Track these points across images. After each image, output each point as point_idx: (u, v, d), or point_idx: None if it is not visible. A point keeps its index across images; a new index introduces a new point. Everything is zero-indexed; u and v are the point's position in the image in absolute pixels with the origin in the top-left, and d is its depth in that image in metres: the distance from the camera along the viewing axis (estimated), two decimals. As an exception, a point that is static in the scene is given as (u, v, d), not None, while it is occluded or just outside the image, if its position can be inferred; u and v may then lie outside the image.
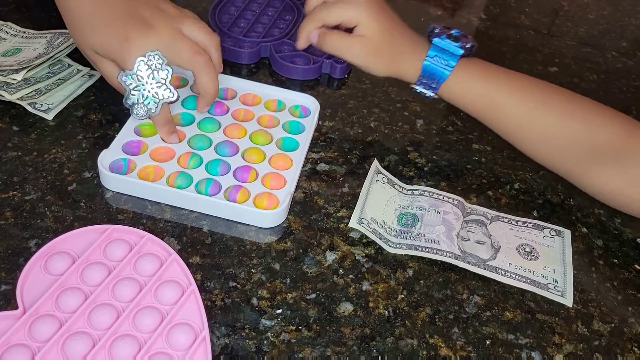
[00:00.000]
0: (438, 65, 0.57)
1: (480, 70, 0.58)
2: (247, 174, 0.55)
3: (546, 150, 0.57)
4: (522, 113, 0.57)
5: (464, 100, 0.59)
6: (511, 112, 0.57)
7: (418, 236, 0.53)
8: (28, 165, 0.54)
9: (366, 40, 0.57)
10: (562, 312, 0.50)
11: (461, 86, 0.57)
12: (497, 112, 0.57)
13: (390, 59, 0.58)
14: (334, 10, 0.58)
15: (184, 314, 0.44)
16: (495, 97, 0.57)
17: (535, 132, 0.57)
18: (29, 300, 0.43)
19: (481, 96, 0.57)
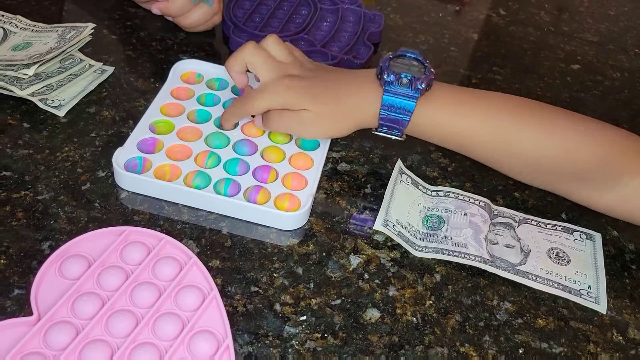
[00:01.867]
0: (395, 115, 0.51)
1: (444, 102, 0.51)
2: (267, 174, 0.53)
3: (528, 171, 0.53)
4: (497, 138, 0.51)
5: (434, 137, 0.53)
6: (485, 139, 0.52)
7: (445, 239, 0.51)
8: (40, 164, 0.52)
9: (307, 112, 0.51)
10: (596, 320, 0.48)
11: (427, 124, 0.52)
12: (471, 141, 0.52)
13: (344, 121, 0.52)
14: (256, 102, 0.52)
15: (205, 321, 0.42)
16: (466, 127, 0.51)
17: (514, 155, 0.52)
18: (44, 306, 0.41)
19: (451, 129, 0.52)
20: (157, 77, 0.63)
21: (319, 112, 0.51)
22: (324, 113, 0.52)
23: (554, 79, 0.74)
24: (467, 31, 0.80)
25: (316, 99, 0.51)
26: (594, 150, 0.50)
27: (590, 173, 0.51)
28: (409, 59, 0.53)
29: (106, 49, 0.65)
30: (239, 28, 0.69)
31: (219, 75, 0.63)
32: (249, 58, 0.53)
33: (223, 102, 0.59)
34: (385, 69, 0.51)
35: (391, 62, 0.52)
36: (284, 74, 0.52)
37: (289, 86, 0.51)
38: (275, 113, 0.53)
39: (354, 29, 0.72)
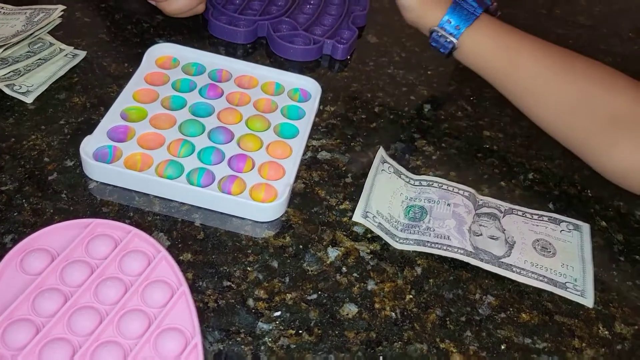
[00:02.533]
0: (466, 8, 0.55)
1: (502, 28, 0.55)
2: (243, 163, 0.51)
3: (563, 118, 0.53)
4: (542, 77, 0.53)
5: (480, 59, 0.56)
6: (530, 76, 0.54)
7: (427, 231, 0.49)
8: (4, 153, 0.50)
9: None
10: (581, 314, 0.46)
11: (481, 41, 0.55)
12: (515, 74, 0.54)
13: (435, 9, 0.56)
14: None
15: (173, 318, 0.40)
16: (515, 58, 0.54)
17: (552, 99, 0.53)
18: (3, 303, 0.39)
19: (501, 55, 0.55)
20: (131, 61, 0.60)
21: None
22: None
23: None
24: (455, 14, 0.77)
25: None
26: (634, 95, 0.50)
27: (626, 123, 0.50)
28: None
29: (78, 32, 0.63)
30: (218, 11, 0.67)
31: (196, 59, 0.60)
32: None
33: (199, 88, 0.57)
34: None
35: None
36: None
37: None
38: None
39: (338, 11, 0.70)
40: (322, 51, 0.66)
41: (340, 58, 0.66)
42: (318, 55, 0.65)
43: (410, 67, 0.67)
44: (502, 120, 0.62)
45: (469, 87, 0.66)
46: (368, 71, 0.65)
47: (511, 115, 0.63)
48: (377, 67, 0.66)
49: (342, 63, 0.66)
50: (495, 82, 0.57)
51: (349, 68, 0.66)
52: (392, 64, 0.67)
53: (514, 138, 0.61)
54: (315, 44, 0.65)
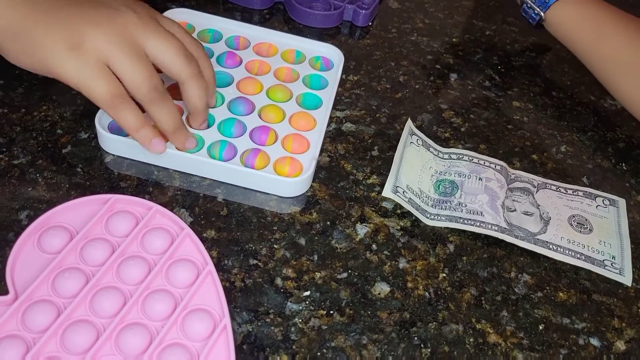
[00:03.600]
0: None
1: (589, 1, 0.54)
2: (266, 135, 0.48)
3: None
4: (627, 50, 0.52)
5: (566, 30, 0.55)
6: (615, 47, 0.52)
7: (458, 206, 0.47)
8: (15, 124, 0.47)
9: None
10: (620, 292, 0.45)
11: (567, 14, 0.54)
12: (600, 45, 0.53)
13: None
14: None
15: (200, 299, 0.38)
16: (601, 30, 0.53)
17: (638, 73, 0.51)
18: (21, 283, 0.37)
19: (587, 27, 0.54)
20: (143, 28, 0.57)
21: None
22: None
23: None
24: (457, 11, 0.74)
25: None
26: None
27: None
28: None
29: (87, -4, 0.59)
30: (232, -26, 0.63)
31: (212, 26, 0.57)
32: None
33: (216, 57, 0.54)
34: None
35: None
36: None
37: None
38: None
39: (358, -25, 0.66)
40: (343, 17, 0.63)
41: (362, 24, 0.63)
42: (338, 21, 0.62)
43: (434, 34, 0.64)
44: (532, 90, 0.60)
45: (497, 56, 0.63)
46: (391, 38, 0.62)
47: (541, 85, 0.60)
48: (400, 34, 0.63)
49: (364, 30, 0.63)
50: (581, 54, 0.55)
51: (371, 35, 0.63)
52: (416, 30, 0.64)
53: (544, 109, 0.58)
54: (336, 9, 0.62)
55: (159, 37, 0.41)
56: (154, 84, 0.41)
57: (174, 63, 0.42)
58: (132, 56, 0.40)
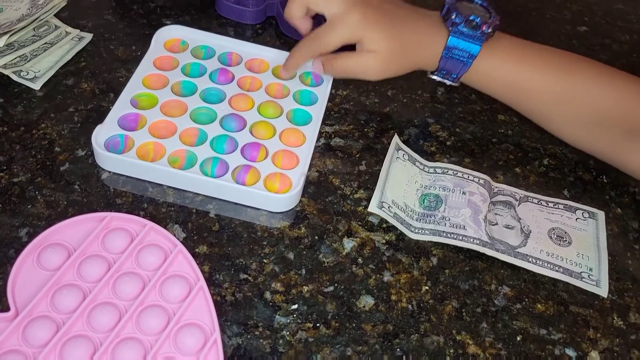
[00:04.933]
0: (459, 58, 0.50)
1: (506, 53, 0.51)
2: (257, 152, 0.50)
3: (580, 130, 0.53)
4: (553, 95, 0.51)
5: (490, 88, 0.53)
6: (540, 96, 0.52)
7: (442, 220, 0.49)
8: (15, 143, 0.49)
9: (378, 55, 0.50)
10: (596, 304, 0.46)
11: (485, 73, 0.51)
12: (528, 95, 0.52)
13: (407, 59, 0.51)
14: (328, 38, 0.50)
15: (192, 313, 0.40)
16: (526, 81, 0.51)
17: (568, 113, 0.52)
18: (22, 300, 0.39)
19: (510, 82, 0.52)
20: (139, 44, 0.59)
21: (391, 52, 0.50)
22: (395, 53, 0.50)
23: (559, 42, 0.70)
24: (469, -10, 0.75)
25: (391, 37, 0.50)
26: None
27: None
28: (474, 4, 0.52)
29: (83, 12, 0.61)
30: (225, -11, 0.65)
31: (205, 42, 0.59)
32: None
33: (209, 73, 0.56)
34: (453, 9, 0.50)
35: (457, 3, 0.51)
36: (351, 4, 0.49)
37: (366, 17, 0.49)
38: (341, 57, 0.51)
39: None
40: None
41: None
42: (329, 35, 0.64)
43: (423, 48, 0.65)
44: (517, 104, 0.61)
45: (483, 68, 0.65)
46: (380, 52, 0.64)
47: (526, 98, 0.62)
48: (389, 47, 0.65)
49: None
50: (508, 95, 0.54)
51: (361, 49, 0.64)
52: (405, 44, 0.65)
53: (528, 122, 0.59)
54: (326, 24, 0.63)
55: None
56: None
57: None
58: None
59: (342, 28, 0.49)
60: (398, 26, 0.50)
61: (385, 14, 0.50)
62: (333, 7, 0.49)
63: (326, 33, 0.50)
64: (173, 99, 0.53)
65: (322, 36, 0.50)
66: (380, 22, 0.50)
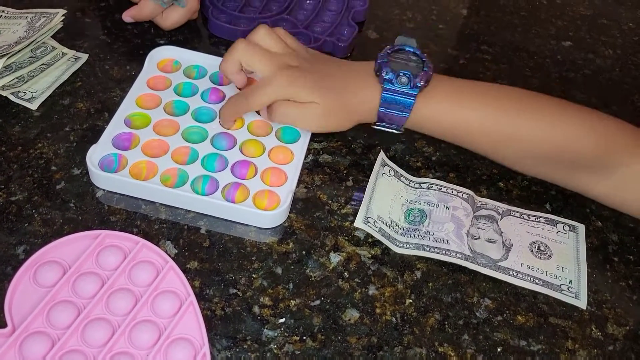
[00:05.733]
0: (395, 111, 0.51)
1: (445, 95, 0.52)
2: (246, 169, 0.52)
3: (528, 162, 0.54)
4: (498, 130, 0.51)
5: (434, 131, 0.53)
6: (486, 131, 0.52)
7: (426, 234, 0.51)
8: (13, 162, 0.51)
9: (316, 106, 0.51)
10: (575, 315, 0.48)
11: (426, 118, 0.52)
12: (471, 134, 0.52)
13: (345, 114, 0.52)
14: (255, 97, 0.51)
15: (182, 328, 0.42)
16: (466, 120, 0.52)
17: (515, 148, 0.52)
18: (18, 316, 0.41)
19: (452, 123, 0.52)
20: (133, 64, 0.61)
21: (327, 107, 0.51)
22: (331, 107, 0.51)
23: (544, 57, 0.72)
24: (456, 6, 0.77)
25: (323, 93, 0.51)
26: (594, 140, 0.51)
27: (588, 161, 0.51)
28: (407, 53, 0.53)
29: (79, 33, 0.63)
30: (218, 9, 0.67)
31: (197, 62, 0.61)
32: (242, 57, 0.51)
33: (201, 92, 0.58)
34: (384, 66, 0.51)
35: (389, 57, 0.52)
36: (282, 66, 0.51)
37: (292, 79, 0.50)
38: (282, 105, 0.52)
39: (338, 7, 0.70)
40: (323, 49, 0.66)
41: (341, 56, 0.66)
42: (318, 53, 0.66)
43: (410, 64, 0.67)
44: (501, 119, 0.63)
45: (469, 84, 0.66)
46: (368, 69, 0.66)
47: (510, 113, 0.64)
48: (377, 64, 0.66)
49: (343, 61, 0.66)
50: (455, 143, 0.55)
51: (350, 66, 0.66)
52: (392, 61, 0.67)
53: (512, 137, 0.61)
54: (316, 42, 0.65)
55: None
56: None
57: None
58: None
59: (273, 88, 0.50)
60: (331, 84, 0.51)
61: (315, 73, 0.51)
62: (263, 69, 0.51)
63: (254, 93, 0.51)
64: (165, 119, 0.55)
65: (251, 95, 0.52)
66: (310, 81, 0.50)
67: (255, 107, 0.53)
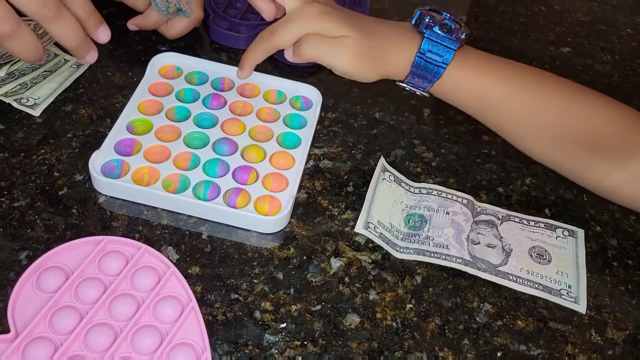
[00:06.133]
0: (432, 63, 0.50)
1: (476, 64, 0.52)
2: (247, 175, 0.52)
3: (545, 145, 0.53)
4: (521, 108, 0.52)
5: (457, 98, 0.53)
6: (509, 108, 0.52)
7: (426, 240, 0.51)
8: (15, 168, 0.51)
9: (348, 40, 0.48)
10: (575, 320, 0.48)
11: (455, 83, 0.51)
12: (494, 108, 0.52)
13: (376, 62, 0.50)
14: (284, 31, 0.48)
15: (184, 333, 0.42)
16: (492, 93, 0.51)
17: (534, 127, 0.52)
18: (22, 322, 0.41)
19: (477, 94, 0.52)
20: (135, 70, 0.61)
21: (360, 45, 0.49)
22: (363, 47, 0.49)
23: (543, 63, 0.72)
24: (455, 13, 0.77)
25: (357, 30, 0.49)
26: (619, 126, 0.51)
27: (609, 147, 0.51)
28: (442, 15, 0.51)
29: (82, 40, 0.63)
30: (219, 16, 0.67)
31: (199, 68, 0.61)
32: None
33: (203, 98, 0.58)
34: (426, 15, 0.50)
35: (428, 12, 0.51)
36: (312, 1, 0.49)
37: (325, 11, 0.48)
38: (311, 38, 0.49)
39: (338, 13, 0.70)
40: (323, 56, 0.66)
41: (341, 62, 0.66)
42: (319, 59, 0.66)
43: (410, 70, 0.68)
44: (501, 124, 0.63)
45: (468, 90, 0.67)
46: (368, 75, 0.66)
47: (509, 119, 0.64)
48: (377, 70, 0.67)
49: (343, 67, 0.67)
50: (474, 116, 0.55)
51: (350, 72, 0.66)
52: (392, 67, 0.68)
53: (512, 142, 0.62)
54: (316, 48, 0.65)
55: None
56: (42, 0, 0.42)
57: (23, 4, 0.43)
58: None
59: (302, 21, 0.48)
60: (365, 25, 0.50)
61: (349, 13, 0.51)
62: (292, 1, 0.49)
63: (282, 27, 0.49)
64: (167, 124, 0.55)
65: (278, 30, 0.49)
66: (343, 16, 0.49)
67: (282, 43, 0.50)
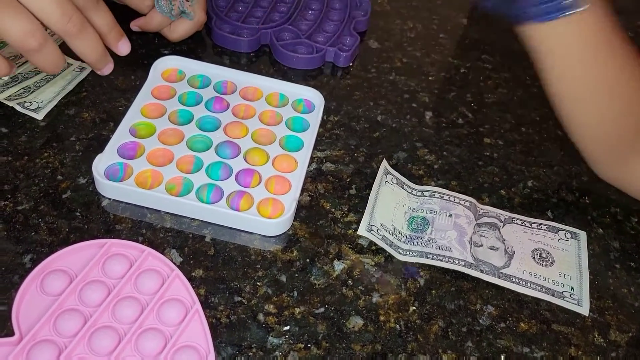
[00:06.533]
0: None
1: (595, 31, 0.49)
2: (250, 178, 0.52)
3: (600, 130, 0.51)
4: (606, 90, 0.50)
5: (554, 53, 0.49)
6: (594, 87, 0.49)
7: (429, 242, 0.51)
8: (19, 172, 0.51)
9: None
10: (578, 322, 0.48)
11: (566, 36, 0.48)
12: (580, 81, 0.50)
13: None
14: None
15: (188, 336, 0.42)
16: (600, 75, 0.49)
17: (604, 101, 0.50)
18: (26, 325, 0.41)
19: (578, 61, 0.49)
20: (138, 74, 0.61)
21: None
22: None
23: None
24: (456, 16, 0.78)
25: None
26: None
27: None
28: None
29: (85, 44, 0.63)
30: (221, 19, 0.67)
31: (201, 71, 0.61)
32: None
33: (205, 101, 0.58)
34: None
35: None
36: None
37: None
38: None
39: (339, 17, 0.70)
40: (325, 59, 0.67)
41: (343, 65, 0.67)
42: (321, 63, 0.66)
43: (411, 73, 0.68)
44: (503, 127, 0.64)
45: (470, 93, 0.67)
46: (370, 78, 0.66)
47: (511, 121, 0.64)
48: (379, 73, 0.67)
49: (345, 70, 0.67)
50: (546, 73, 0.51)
51: (352, 75, 0.67)
52: (394, 70, 0.68)
53: (513, 145, 0.62)
54: (318, 52, 0.66)
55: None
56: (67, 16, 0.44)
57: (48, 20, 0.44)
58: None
59: None
60: None
61: None
62: None
63: None
64: (170, 128, 0.55)
65: None
66: None
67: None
